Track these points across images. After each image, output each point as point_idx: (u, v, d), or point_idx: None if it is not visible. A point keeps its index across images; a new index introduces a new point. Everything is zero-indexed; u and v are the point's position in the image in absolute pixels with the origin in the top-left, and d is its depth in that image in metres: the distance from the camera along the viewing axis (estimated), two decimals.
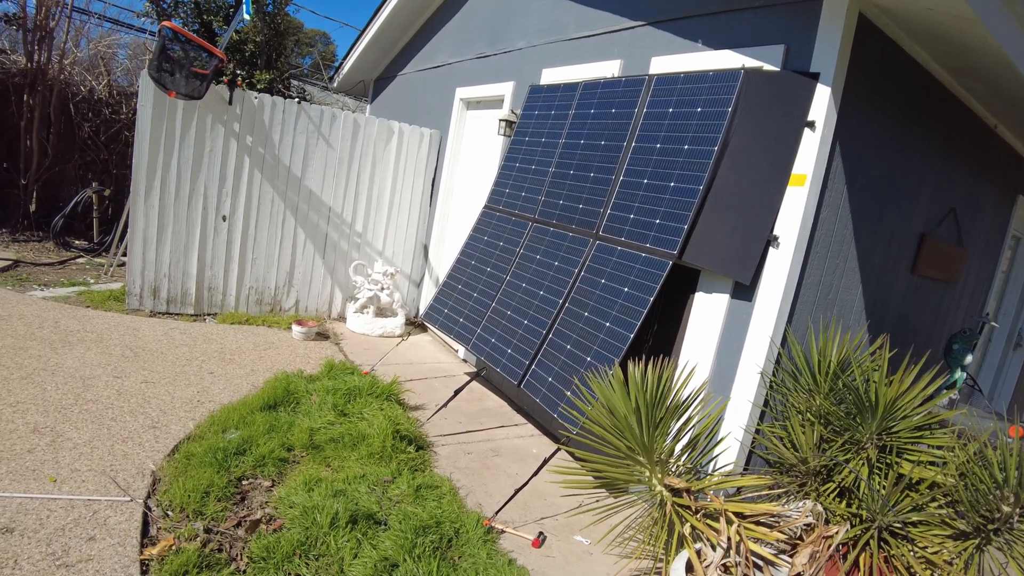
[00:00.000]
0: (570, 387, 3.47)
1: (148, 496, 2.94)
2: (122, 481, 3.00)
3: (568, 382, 3.51)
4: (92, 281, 6.69)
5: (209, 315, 6.02)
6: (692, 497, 2.43)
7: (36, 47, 7.91)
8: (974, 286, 5.46)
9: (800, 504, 2.78)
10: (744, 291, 3.25)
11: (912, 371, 2.80)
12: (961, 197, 4.62)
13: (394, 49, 8.39)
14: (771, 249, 3.13)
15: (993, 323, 5.53)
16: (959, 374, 4.60)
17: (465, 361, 5.92)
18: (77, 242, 8.20)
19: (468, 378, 4.50)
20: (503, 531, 3.16)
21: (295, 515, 2.87)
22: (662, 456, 2.53)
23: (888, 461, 2.79)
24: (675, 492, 2.45)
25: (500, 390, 5.25)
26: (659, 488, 2.48)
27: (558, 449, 3.29)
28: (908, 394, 2.77)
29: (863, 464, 2.80)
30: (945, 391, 4.25)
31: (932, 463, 2.76)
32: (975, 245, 5.12)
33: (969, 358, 4.60)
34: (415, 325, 6.87)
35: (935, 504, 2.62)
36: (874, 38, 3.17)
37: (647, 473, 2.51)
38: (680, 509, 2.36)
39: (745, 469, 3.34)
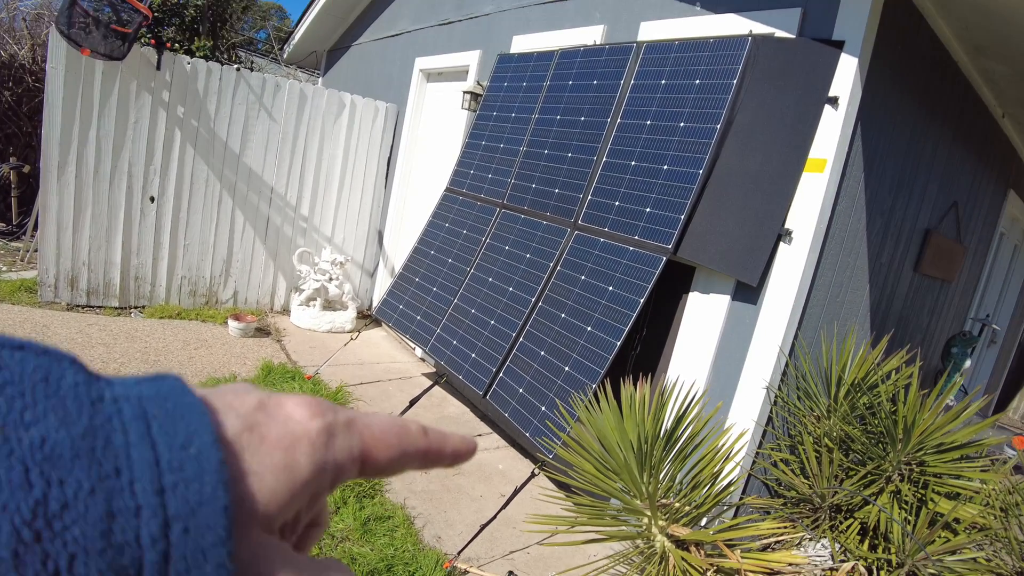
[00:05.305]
0: (545, 401, 2.99)
1: None
2: None
3: (543, 395, 3.03)
4: (4, 269, 5.93)
5: (136, 308, 5.35)
6: (701, 551, 1.98)
7: None
8: (964, 285, 5.17)
9: (819, 547, 2.38)
10: (749, 292, 2.81)
11: (948, 390, 2.41)
12: (963, 191, 4.28)
13: (349, 17, 7.71)
14: (782, 244, 2.69)
15: (995, 326, 5.26)
16: (958, 379, 4.29)
17: (423, 360, 5.38)
18: None
19: (427, 381, 3.98)
20: (467, 572, 2.69)
21: None
22: (662, 499, 2.08)
23: (920, 496, 2.40)
24: (680, 544, 2.00)
25: (462, 394, 4.74)
26: (660, 538, 2.02)
27: (530, 478, 2.82)
28: (943, 416, 2.38)
29: (891, 499, 2.41)
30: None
31: (968, 496, 2.38)
32: (970, 242, 4.82)
33: (968, 362, 4.29)
34: (368, 319, 6.28)
35: (975, 546, 2.23)
36: (901, 7, 2.74)
37: (645, 520, 2.05)
38: (689, 567, 1.91)
39: (742, 495, 2.93)
